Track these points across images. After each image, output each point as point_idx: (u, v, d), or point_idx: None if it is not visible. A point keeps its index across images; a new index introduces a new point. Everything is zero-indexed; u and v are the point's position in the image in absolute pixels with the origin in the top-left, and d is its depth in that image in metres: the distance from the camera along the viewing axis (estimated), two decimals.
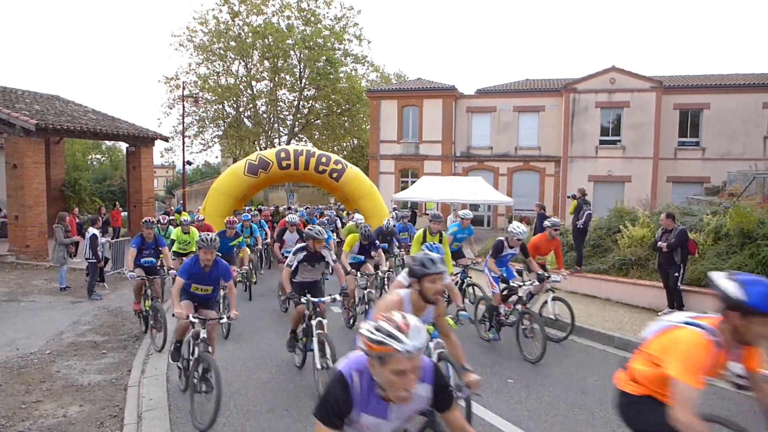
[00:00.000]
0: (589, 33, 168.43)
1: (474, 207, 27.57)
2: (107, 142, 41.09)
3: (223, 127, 36.21)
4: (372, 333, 2.12)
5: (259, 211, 20.63)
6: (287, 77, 35.36)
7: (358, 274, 8.93)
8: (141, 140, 19.95)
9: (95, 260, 11.27)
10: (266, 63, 34.62)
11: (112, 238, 16.05)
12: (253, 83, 35.72)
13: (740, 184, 15.28)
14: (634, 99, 25.19)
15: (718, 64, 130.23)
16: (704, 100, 25.21)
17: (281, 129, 37.33)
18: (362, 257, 9.16)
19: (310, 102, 36.63)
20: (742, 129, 24.67)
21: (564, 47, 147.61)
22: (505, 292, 7.59)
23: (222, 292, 7.44)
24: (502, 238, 7.67)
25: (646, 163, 25.12)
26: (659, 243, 8.94)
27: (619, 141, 25.70)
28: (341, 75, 35.24)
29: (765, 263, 8.28)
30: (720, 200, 13.78)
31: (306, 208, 20.00)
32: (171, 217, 19.75)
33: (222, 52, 34.47)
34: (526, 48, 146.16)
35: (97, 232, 11.52)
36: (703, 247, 9.58)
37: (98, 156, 50.08)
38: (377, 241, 9.30)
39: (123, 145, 23.83)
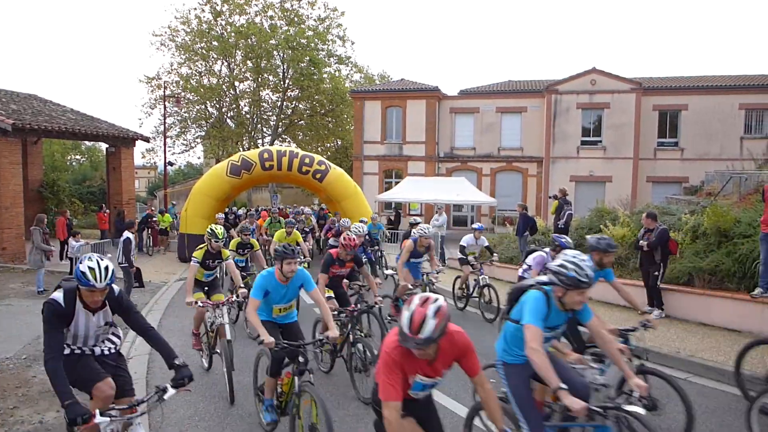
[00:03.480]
0: (569, 35, 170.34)
1: (457, 207, 27.75)
2: (87, 142, 40.44)
3: (205, 128, 35.86)
4: None
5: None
6: (270, 77, 35.16)
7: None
8: (121, 141, 19.69)
9: (127, 265, 10.67)
10: (249, 63, 34.39)
11: (100, 240, 15.77)
12: (236, 83, 35.46)
13: (717, 184, 15.53)
14: (614, 100, 25.52)
15: (695, 66, 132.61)
16: (683, 101, 25.63)
17: (264, 129, 37.12)
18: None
19: (294, 102, 36.46)
20: (720, 130, 25.13)
21: (545, 48, 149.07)
22: None
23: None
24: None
25: (626, 163, 25.46)
26: (641, 242, 9.06)
27: (600, 142, 26.01)
28: (325, 76, 35.13)
29: (741, 261, 8.43)
30: (698, 200, 14.00)
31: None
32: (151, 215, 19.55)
33: (204, 51, 34.15)
34: (509, 49, 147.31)
35: (131, 236, 10.88)
36: (682, 246, 9.73)
37: (77, 156, 49.20)
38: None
39: (103, 146, 23.47)
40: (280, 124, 36.56)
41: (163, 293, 12.04)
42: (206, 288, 6.97)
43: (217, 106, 35.66)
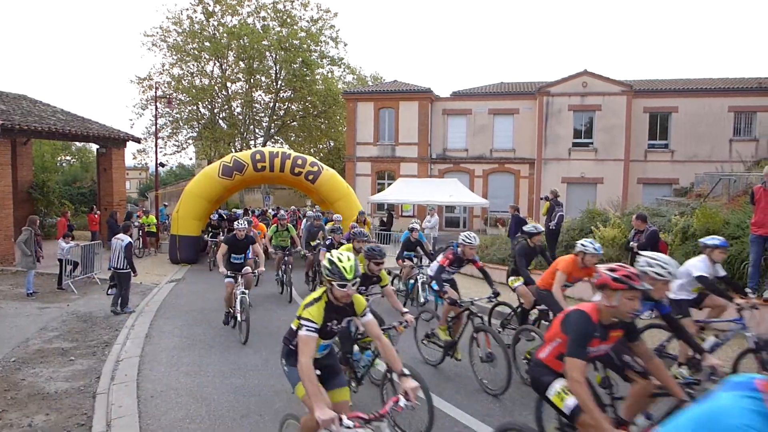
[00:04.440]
0: (561, 37, 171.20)
1: (450, 209, 27.79)
2: (77, 143, 40.15)
3: (197, 129, 35.72)
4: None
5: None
6: (263, 78, 35.08)
7: None
8: (112, 141, 19.57)
9: (130, 270, 10.26)
10: (241, 64, 34.31)
11: (91, 242, 15.59)
12: (228, 84, 35.35)
13: (707, 186, 15.66)
14: (605, 102, 25.67)
15: (685, 69, 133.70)
16: (673, 103, 25.82)
17: (257, 131, 37.02)
18: None
19: (286, 103, 36.40)
20: (709, 132, 25.33)
21: (537, 51, 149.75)
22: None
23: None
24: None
25: (617, 164, 25.61)
26: (631, 243, 9.12)
27: (592, 143, 26.15)
28: (317, 77, 35.10)
29: (730, 262, 8.50)
30: (688, 201, 14.12)
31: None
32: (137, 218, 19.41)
33: (196, 52, 34.01)
34: (501, 51, 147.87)
35: (130, 240, 10.51)
36: (672, 247, 9.81)
37: (68, 157, 48.80)
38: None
39: (93, 147, 23.28)
40: (273, 125, 36.48)
41: (155, 295, 11.97)
42: (318, 371, 3.52)
43: (209, 106, 35.53)
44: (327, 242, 10.14)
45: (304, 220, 15.78)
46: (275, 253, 12.04)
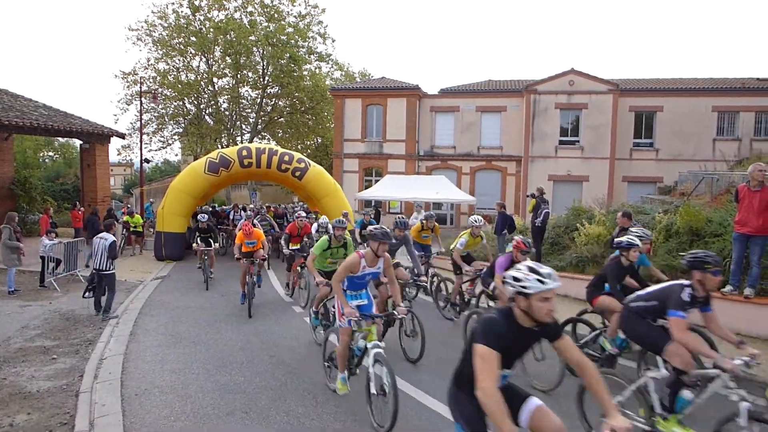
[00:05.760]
0: (549, 35, 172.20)
1: (437, 206, 27.84)
2: (60, 138, 39.64)
3: (183, 124, 35.37)
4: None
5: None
6: (250, 74, 34.84)
7: None
8: (96, 137, 19.32)
9: (115, 270, 9.69)
10: (228, 59, 34.01)
11: (74, 239, 15.37)
12: (215, 80, 35.03)
13: (690, 184, 15.83)
14: (592, 101, 25.88)
15: (671, 68, 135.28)
16: (658, 102, 26.10)
17: (244, 127, 36.76)
18: None
19: (274, 100, 36.19)
20: (693, 131, 25.65)
21: (525, 49, 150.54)
22: None
23: None
24: None
25: (603, 163, 25.84)
26: (615, 240, 9.19)
27: (578, 141, 26.35)
28: (305, 73, 34.94)
29: None
30: (672, 199, 14.28)
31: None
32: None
33: (182, 47, 33.64)
34: (489, 49, 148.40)
35: (114, 239, 9.76)
36: (655, 245, 9.91)
37: (50, 153, 48.19)
38: None
39: (77, 142, 22.96)
40: (260, 121, 36.27)
41: (139, 292, 11.86)
42: None
43: (195, 102, 35.19)
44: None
45: (315, 225, 11.60)
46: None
